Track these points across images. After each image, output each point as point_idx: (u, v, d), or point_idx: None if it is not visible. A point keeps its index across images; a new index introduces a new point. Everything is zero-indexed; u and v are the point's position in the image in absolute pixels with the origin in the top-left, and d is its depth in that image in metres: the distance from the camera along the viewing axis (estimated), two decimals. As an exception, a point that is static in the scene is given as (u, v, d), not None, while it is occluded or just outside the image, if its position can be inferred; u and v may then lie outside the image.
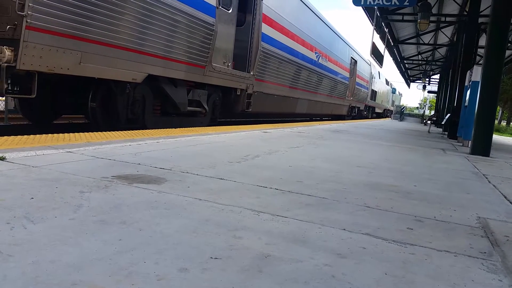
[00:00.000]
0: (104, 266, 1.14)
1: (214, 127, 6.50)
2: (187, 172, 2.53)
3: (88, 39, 4.53)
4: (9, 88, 4.11)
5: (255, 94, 8.79)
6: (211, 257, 1.28)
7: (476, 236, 1.80)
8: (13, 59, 3.82)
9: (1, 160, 2.33)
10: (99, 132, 4.10)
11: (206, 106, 7.37)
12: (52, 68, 4.21)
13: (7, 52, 3.76)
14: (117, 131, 4.56)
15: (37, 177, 2.04)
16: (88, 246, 1.27)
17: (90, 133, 3.96)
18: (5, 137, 3.25)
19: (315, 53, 12.69)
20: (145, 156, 2.95)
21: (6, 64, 3.79)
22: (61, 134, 3.61)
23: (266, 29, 8.70)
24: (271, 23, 9.01)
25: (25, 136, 3.38)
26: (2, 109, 8.71)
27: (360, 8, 11.52)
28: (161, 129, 5.12)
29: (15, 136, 3.33)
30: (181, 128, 5.55)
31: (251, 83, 8.52)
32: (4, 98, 8.21)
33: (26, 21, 3.81)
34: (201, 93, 7.18)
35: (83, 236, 1.35)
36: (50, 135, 3.52)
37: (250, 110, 8.66)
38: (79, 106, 5.70)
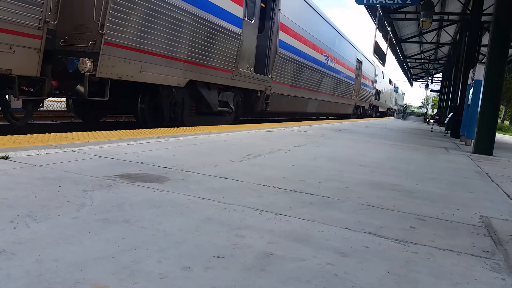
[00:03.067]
0: (107, 265, 1.15)
1: (217, 126, 6.54)
2: (190, 171, 2.53)
3: (147, 51, 5.42)
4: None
5: (272, 95, 9.65)
6: (214, 256, 1.28)
7: (479, 235, 1.80)
8: (92, 68, 4.63)
9: (4, 159, 2.33)
10: (102, 131, 4.11)
11: (232, 106, 8.22)
12: (121, 76, 5.07)
13: (88, 63, 4.58)
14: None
15: (40, 176, 2.05)
16: (91, 245, 1.27)
17: (93, 132, 3.97)
18: (8, 136, 3.26)
19: (325, 56, 13.44)
20: (147, 155, 2.95)
21: (88, 73, 4.59)
22: (63, 133, 3.62)
23: (282, 36, 9.57)
24: (287, 30, 9.87)
25: (28, 135, 3.39)
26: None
27: (362, 7, 11.52)
28: (164, 128, 5.14)
29: (18, 135, 3.34)
30: (183, 128, 5.60)
31: (269, 85, 9.40)
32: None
33: (104, 38, 4.67)
34: (228, 95, 8.05)
35: (86, 235, 1.35)
36: (53, 134, 3.53)
37: (268, 109, 9.49)
38: (126, 107, 6.56)
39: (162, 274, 1.12)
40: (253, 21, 8.22)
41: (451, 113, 11.96)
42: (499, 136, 13.92)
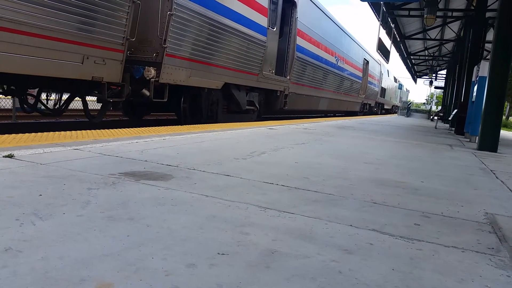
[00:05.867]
0: (112, 262, 1.15)
1: (221, 124, 6.57)
2: (194, 169, 2.54)
3: (195, 60, 6.34)
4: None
5: (290, 95, 10.55)
6: (219, 253, 1.28)
7: (484, 231, 1.79)
8: (156, 75, 5.52)
9: (9, 157, 2.35)
10: (106, 130, 4.13)
11: (257, 105, 9.09)
12: (176, 81, 5.98)
13: (153, 71, 5.46)
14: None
15: (45, 174, 2.06)
16: (96, 242, 1.28)
17: (97, 130, 3.98)
18: (13, 134, 3.27)
19: (335, 57, 14.29)
20: (152, 153, 2.96)
21: (153, 79, 5.47)
22: (68, 132, 3.64)
23: (299, 40, 10.48)
24: (303, 35, 10.82)
25: (33, 133, 3.40)
26: (9, 107, 8.76)
27: (365, 3, 11.57)
28: (167, 127, 5.16)
29: (23, 134, 3.35)
30: (187, 126, 5.62)
31: (287, 86, 10.30)
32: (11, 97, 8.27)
33: (166, 51, 5.59)
34: (254, 95, 8.95)
35: (91, 232, 1.36)
36: (57, 132, 3.54)
37: (286, 108, 10.43)
38: (170, 106, 7.22)
39: (167, 271, 1.13)
40: (275, 29, 9.16)
41: (455, 110, 11.91)
42: (503, 133, 13.84)
